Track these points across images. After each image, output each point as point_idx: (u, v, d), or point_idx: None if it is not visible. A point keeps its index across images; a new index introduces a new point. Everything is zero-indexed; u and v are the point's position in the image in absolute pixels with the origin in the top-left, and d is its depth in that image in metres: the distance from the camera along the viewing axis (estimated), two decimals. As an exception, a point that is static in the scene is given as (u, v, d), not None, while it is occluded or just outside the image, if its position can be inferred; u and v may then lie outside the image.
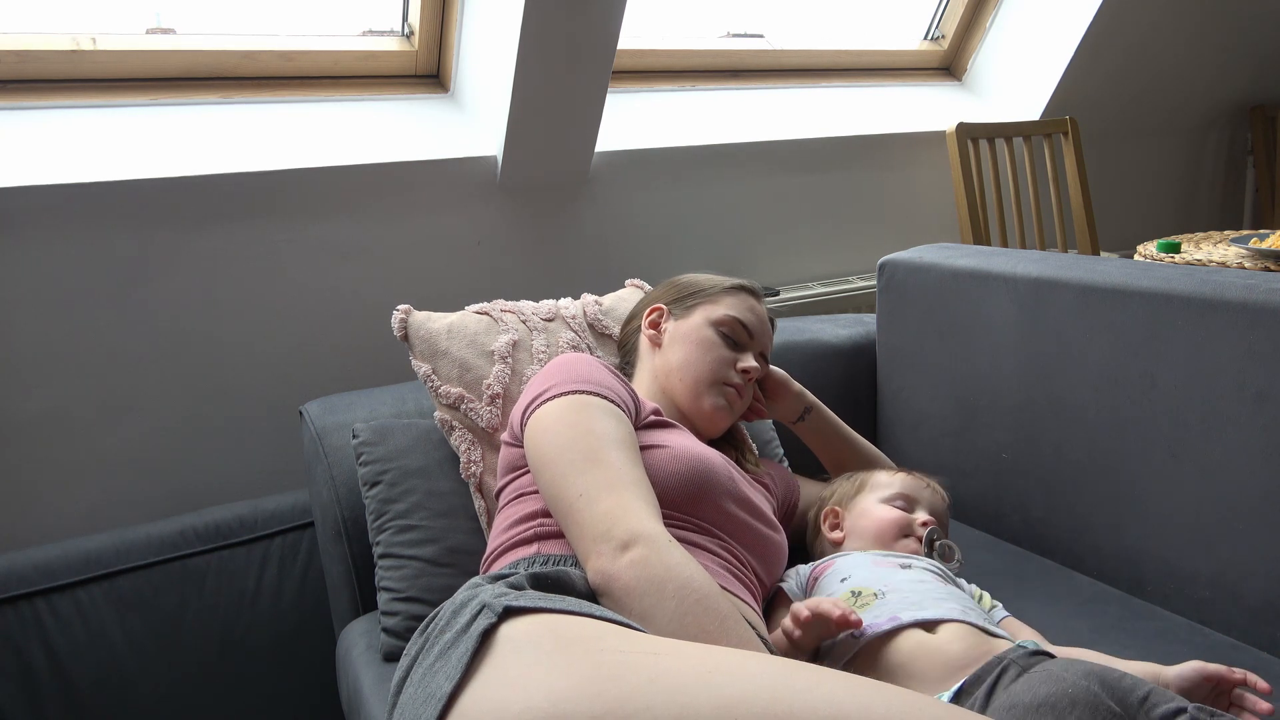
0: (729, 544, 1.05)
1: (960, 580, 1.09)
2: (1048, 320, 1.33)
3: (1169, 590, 1.21)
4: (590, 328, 1.38)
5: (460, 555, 1.20)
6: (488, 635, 0.75)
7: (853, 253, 2.42)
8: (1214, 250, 2.05)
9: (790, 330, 1.65)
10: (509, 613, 0.77)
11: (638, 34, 2.16)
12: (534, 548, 0.98)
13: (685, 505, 1.02)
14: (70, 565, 1.39)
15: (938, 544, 1.12)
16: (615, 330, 1.38)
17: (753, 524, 1.08)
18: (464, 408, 1.24)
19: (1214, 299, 1.14)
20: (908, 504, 1.17)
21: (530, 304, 1.38)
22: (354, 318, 1.74)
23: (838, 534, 1.18)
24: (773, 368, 1.33)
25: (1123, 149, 2.94)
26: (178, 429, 1.62)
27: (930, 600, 0.98)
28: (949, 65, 2.75)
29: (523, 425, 1.03)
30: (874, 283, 1.78)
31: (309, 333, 1.71)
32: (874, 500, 1.18)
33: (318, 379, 1.70)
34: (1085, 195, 2.53)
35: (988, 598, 1.09)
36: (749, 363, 1.20)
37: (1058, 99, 2.60)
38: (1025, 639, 0.98)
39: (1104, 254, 2.65)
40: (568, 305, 1.40)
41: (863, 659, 0.94)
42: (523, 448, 1.03)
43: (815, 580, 1.08)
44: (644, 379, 1.24)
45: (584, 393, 1.02)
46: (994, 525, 1.44)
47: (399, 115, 1.85)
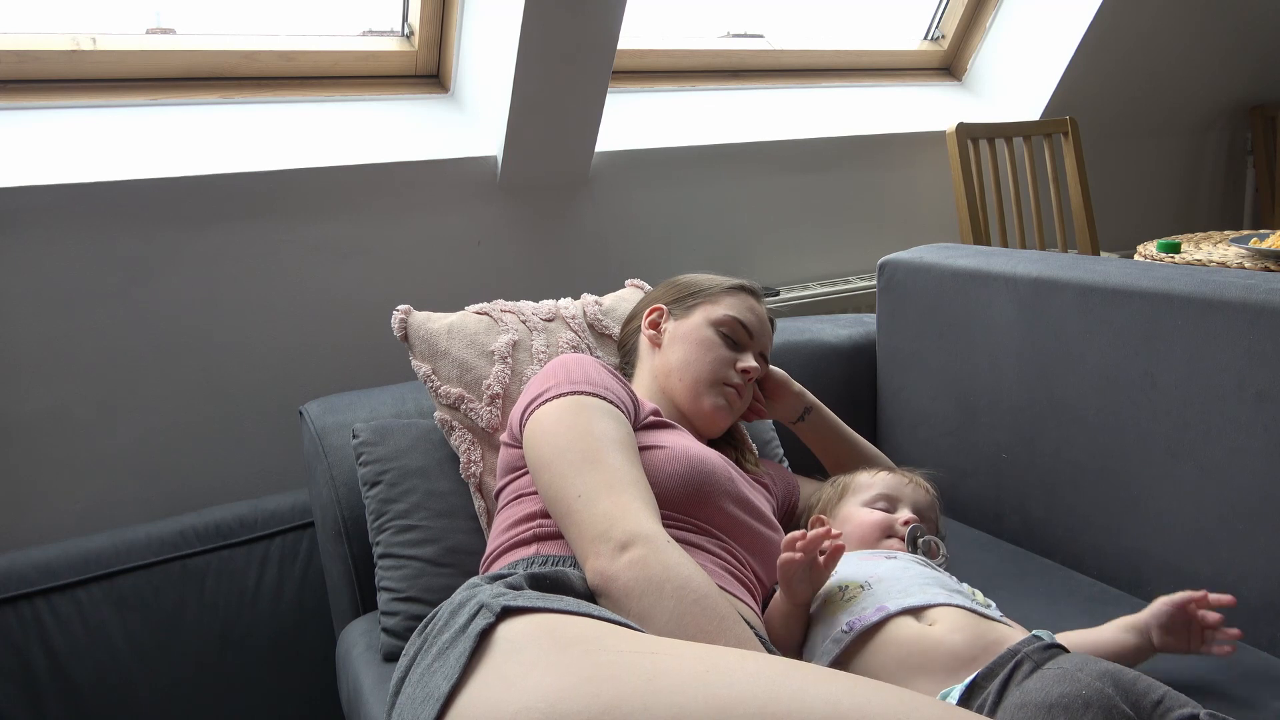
0: (728, 544, 1.05)
1: (950, 577, 1.09)
2: (1048, 320, 1.33)
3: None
4: (590, 328, 1.38)
5: (460, 555, 1.20)
6: (486, 635, 0.75)
7: (853, 253, 2.42)
8: (1214, 250, 2.04)
9: (790, 330, 1.65)
10: (507, 613, 0.77)
11: (638, 34, 2.16)
12: (533, 548, 0.98)
13: (684, 506, 1.02)
14: (70, 565, 1.40)
15: (921, 540, 1.12)
16: (615, 330, 1.38)
17: (752, 524, 1.08)
18: (464, 408, 1.24)
19: (1214, 299, 1.14)
20: (890, 504, 1.17)
21: (530, 304, 1.38)
22: (354, 318, 1.74)
23: None
24: (772, 368, 1.34)
25: (1123, 149, 2.94)
26: (178, 429, 1.63)
27: (916, 587, 0.98)
28: (949, 65, 2.75)
29: (522, 426, 1.03)
30: (874, 283, 1.78)
31: (309, 333, 1.71)
32: (856, 504, 1.17)
33: (318, 379, 1.70)
34: (1085, 195, 2.53)
35: (980, 595, 1.09)
36: (749, 363, 1.20)
37: (1058, 99, 2.60)
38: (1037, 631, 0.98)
39: (1104, 254, 2.65)
40: (568, 305, 1.40)
41: (860, 655, 0.93)
42: (522, 448, 1.03)
43: None
44: (644, 379, 1.24)
45: (583, 393, 1.02)
46: (994, 525, 1.44)
47: (399, 115, 1.85)
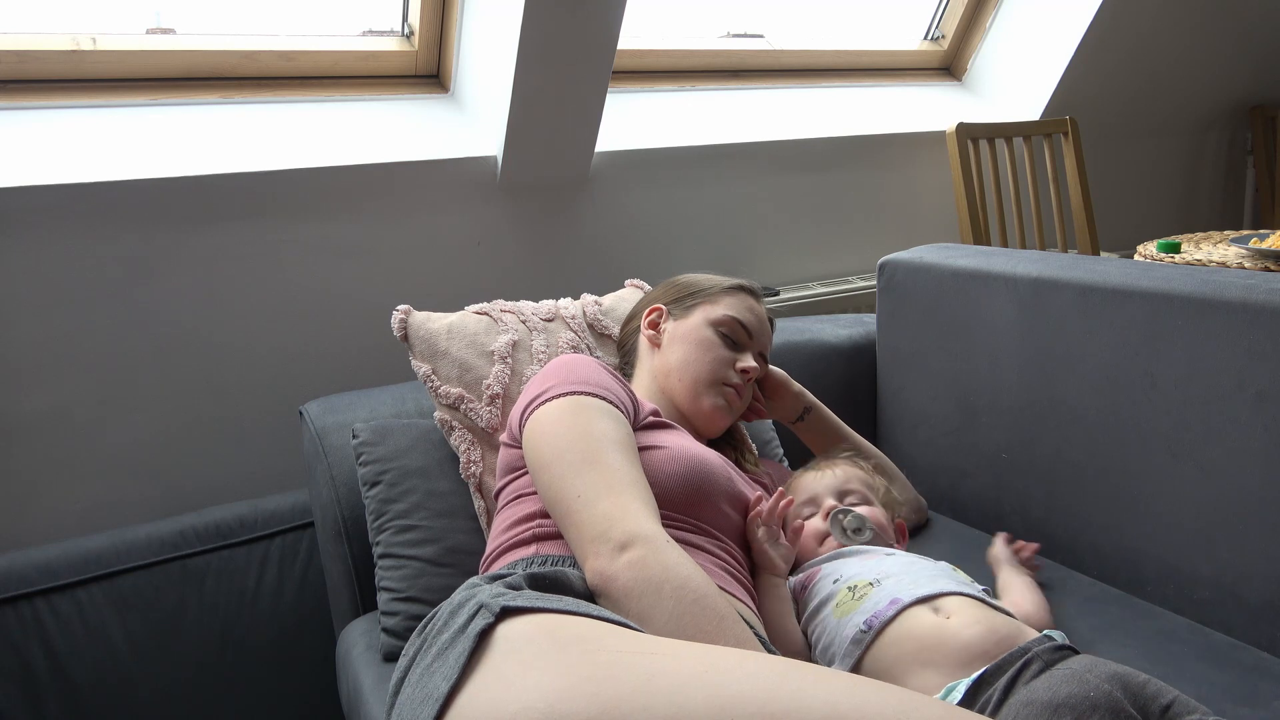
0: (727, 544, 1.05)
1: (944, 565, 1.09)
2: (1048, 320, 1.32)
3: (1169, 590, 1.21)
4: (590, 328, 1.38)
5: (460, 555, 1.20)
6: (485, 635, 0.75)
7: (853, 253, 2.42)
8: (1214, 250, 2.04)
9: (790, 330, 1.65)
10: (506, 613, 0.77)
11: (638, 34, 2.16)
12: (533, 548, 0.98)
13: (683, 506, 1.02)
14: (70, 565, 1.39)
15: (844, 523, 1.11)
16: (615, 330, 1.38)
17: (752, 524, 1.08)
18: (464, 408, 1.24)
19: (1214, 299, 1.14)
20: (813, 506, 1.16)
21: (530, 304, 1.38)
22: (354, 318, 1.74)
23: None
24: (772, 367, 1.33)
25: (1123, 149, 2.94)
26: (178, 429, 1.63)
27: (925, 578, 0.98)
28: (949, 65, 2.75)
29: (521, 426, 1.03)
30: (874, 283, 1.78)
31: (309, 333, 1.71)
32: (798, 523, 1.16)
33: (318, 379, 1.70)
34: (1085, 195, 2.53)
35: (975, 586, 1.10)
36: (748, 363, 1.20)
37: (1058, 99, 2.60)
38: (1045, 629, 1.00)
39: (1104, 254, 2.65)
40: (567, 305, 1.40)
41: (876, 647, 0.93)
42: (521, 449, 1.03)
43: (805, 588, 1.07)
44: (643, 379, 1.24)
45: (582, 394, 1.02)
46: (994, 525, 1.44)
47: (399, 115, 1.85)
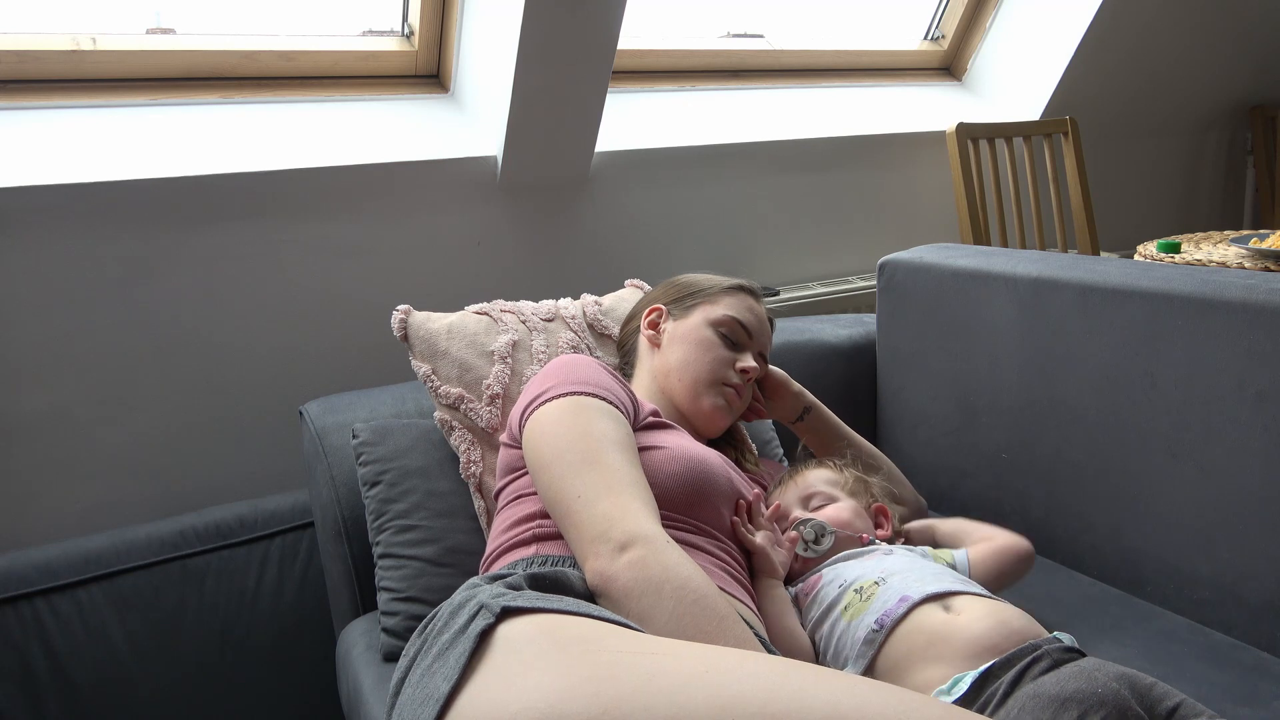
0: (727, 544, 1.05)
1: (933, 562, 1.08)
2: (1048, 320, 1.32)
3: (1169, 590, 1.21)
4: (590, 328, 1.38)
5: (460, 555, 1.20)
6: (485, 636, 0.75)
7: (853, 253, 2.42)
8: (1214, 250, 2.04)
9: (790, 330, 1.65)
10: (506, 613, 0.77)
11: (638, 34, 2.16)
12: (533, 549, 0.98)
13: (683, 506, 1.02)
14: (70, 565, 1.39)
15: (804, 534, 1.10)
16: (615, 330, 1.38)
17: (752, 524, 1.08)
18: (464, 408, 1.24)
19: (1214, 299, 1.14)
20: (784, 520, 1.14)
21: (530, 304, 1.38)
22: (354, 318, 1.74)
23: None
24: (772, 367, 1.33)
25: (1123, 149, 2.94)
26: (178, 429, 1.63)
27: (930, 576, 0.98)
28: (949, 65, 2.75)
29: (521, 426, 1.03)
30: (874, 283, 1.78)
31: (309, 333, 1.71)
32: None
33: (318, 379, 1.70)
34: (1085, 195, 2.53)
35: (947, 552, 1.10)
36: (748, 363, 1.20)
37: (1058, 99, 2.60)
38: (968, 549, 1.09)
39: (1104, 254, 2.65)
40: (567, 305, 1.40)
41: (886, 645, 0.93)
42: (521, 449, 1.03)
43: (807, 595, 1.06)
44: (643, 379, 1.24)
45: (582, 394, 1.01)
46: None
47: (399, 115, 1.85)
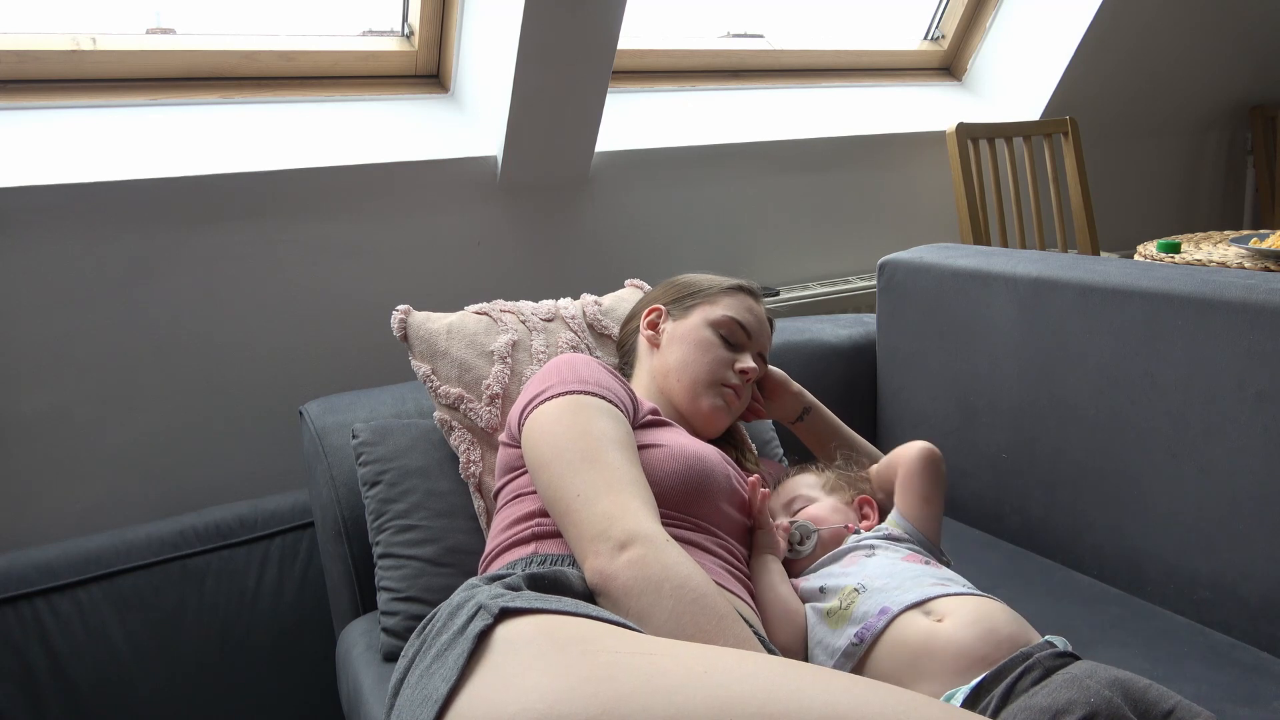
0: (726, 542, 1.05)
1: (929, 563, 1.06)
2: (1048, 320, 1.32)
3: (1169, 590, 1.21)
4: (590, 328, 1.38)
5: (460, 555, 1.20)
6: (484, 637, 0.75)
7: (853, 253, 2.42)
8: (1214, 250, 2.04)
9: (790, 330, 1.65)
10: (505, 614, 0.77)
11: (638, 34, 2.16)
12: (531, 547, 0.98)
13: (682, 504, 1.02)
14: (70, 565, 1.39)
15: (791, 538, 1.11)
16: (615, 330, 1.38)
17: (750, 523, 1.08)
18: (463, 408, 1.24)
19: (1214, 299, 1.14)
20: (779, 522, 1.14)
21: (530, 304, 1.38)
22: (354, 318, 1.74)
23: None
24: (771, 368, 1.33)
25: (1123, 149, 2.94)
26: (178, 429, 1.62)
27: (910, 581, 0.97)
28: (949, 65, 2.75)
29: (520, 425, 1.03)
30: (874, 283, 1.78)
31: (309, 333, 1.71)
32: None
33: (318, 379, 1.70)
34: (1085, 195, 2.53)
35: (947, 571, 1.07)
36: (747, 363, 1.20)
37: (1058, 99, 2.60)
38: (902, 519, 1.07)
39: (1104, 254, 2.65)
40: (567, 305, 1.40)
41: (870, 659, 0.92)
42: (520, 448, 1.03)
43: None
44: (642, 379, 1.24)
45: (582, 393, 1.01)
46: (994, 525, 1.44)
47: (399, 115, 1.85)
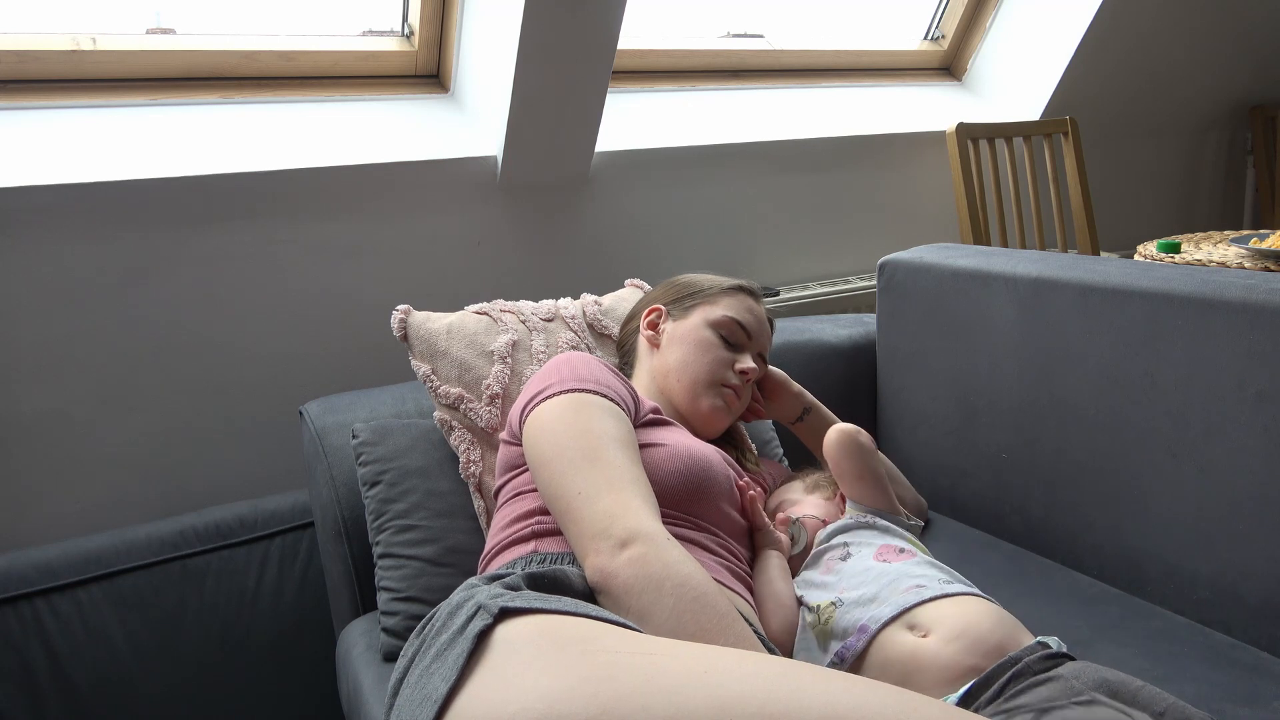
0: (727, 541, 1.05)
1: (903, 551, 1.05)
2: (1048, 320, 1.32)
3: (1169, 590, 1.21)
4: (590, 328, 1.38)
5: (460, 555, 1.20)
6: (484, 637, 0.75)
7: (853, 253, 2.42)
8: (1214, 250, 2.04)
9: (790, 330, 1.65)
10: (505, 614, 0.77)
11: (638, 34, 2.16)
12: (531, 545, 0.98)
13: (683, 503, 1.02)
14: (70, 565, 1.39)
15: (791, 533, 1.11)
16: (615, 330, 1.38)
17: (752, 523, 1.08)
18: (463, 408, 1.25)
19: (1214, 299, 1.14)
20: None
21: (530, 304, 1.38)
22: (354, 318, 1.74)
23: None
24: (771, 368, 1.33)
25: (1123, 149, 2.94)
26: (178, 429, 1.63)
27: (885, 589, 0.95)
28: (949, 65, 2.75)
29: (521, 423, 1.03)
30: (874, 283, 1.78)
31: (309, 333, 1.71)
32: None
33: (318, 379, 1.70)
34: (1085, 195, 2.53)
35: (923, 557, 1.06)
36: (747, 364, 1.20)
37: (1058, 99, 2.60)
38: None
39: (1104, 254, 2.65)
40: (567, 305, 1.40)
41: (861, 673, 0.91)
42: (521, 446, 1.03)
43: None
44: (642, 379, 1.24)
45: (583, 391, 1.02)
46: (994, 525, 1.44)
47: (399, 115, 1.85)
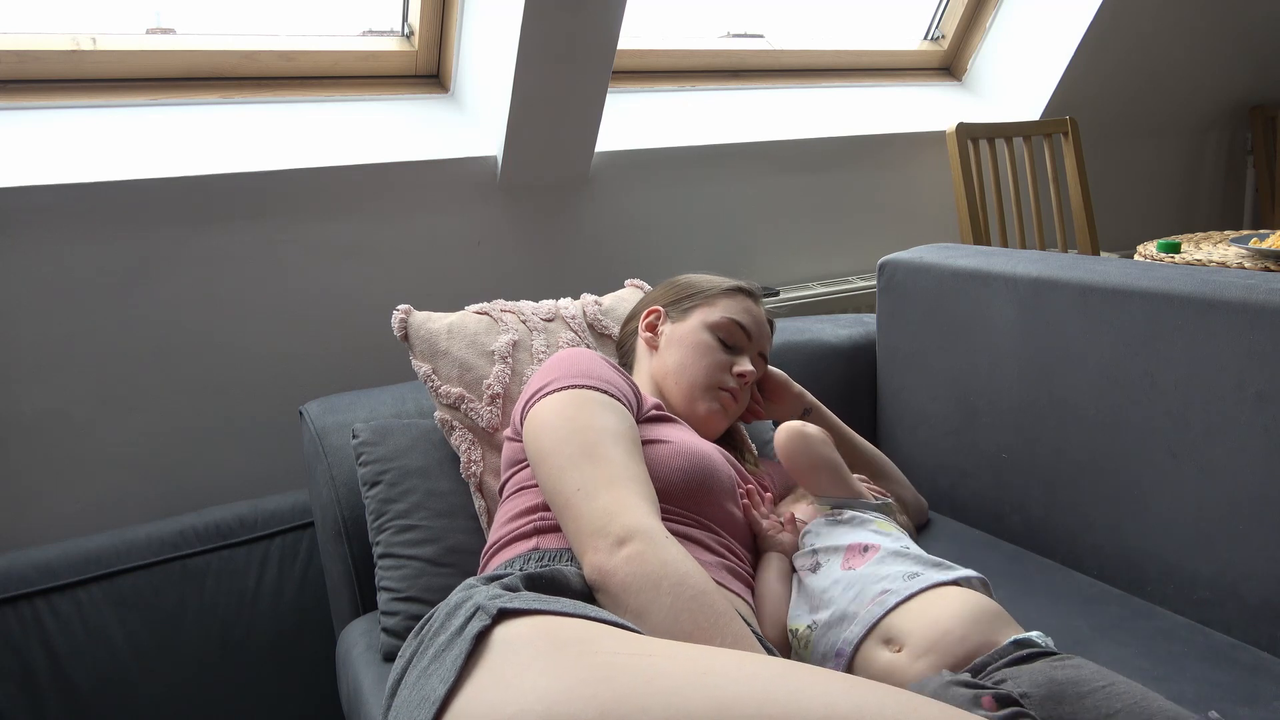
0: (729, 540, 1.05)
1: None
2: (1048, 320, 1.32)
3: (1169, 590, 1.21)
4: (590, 328, 1.38)
5: (460, 555, 1.20)
6: (482, 638, 0.75)
7: (853, 253, 2.42)
8: (1214, 250, 2.04)
9: (790, 330, 1.65)
10: (503, 615, 0.76)
11: (638, 34, 2.16)
12: (533, 541, 0.98)
13: (687, 501, 1.02)
14: (70, 565, 1.39)
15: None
16: (615, 330, 1.38)
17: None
18: (464, 408, 1.24)
19: (1214, 299, 1.14)
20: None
21: (530, 304, 1.38)
22: (354, 318, 1.74)
23: None
24: (772, 368, 1.33)
25: (1123, 149, 2.94)
26: (178, 429, 1.62)
27: (853, 603, 0.95)
28: (949, 65, 2.75)
29: (522, 420, 1.04)
30: (874, 283, 1.78)
31: (309, 333, 1.71)
32: None
33: (318, 379, 1.70)
34: (1085, 195, 2.53)
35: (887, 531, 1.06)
36: (745, 366, 1.20)
37: (1058, 99, 2.60)
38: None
39: (1104, 254, 2.65)
40: (568, 305, 1.40)
41: None
42: (523, 442, 1.03)
43: None
44: (642, 380, 1.24)
45: (584, 387, 1.01)
46: (994, 525, 1.44)
47: (399, 115, 1.85)
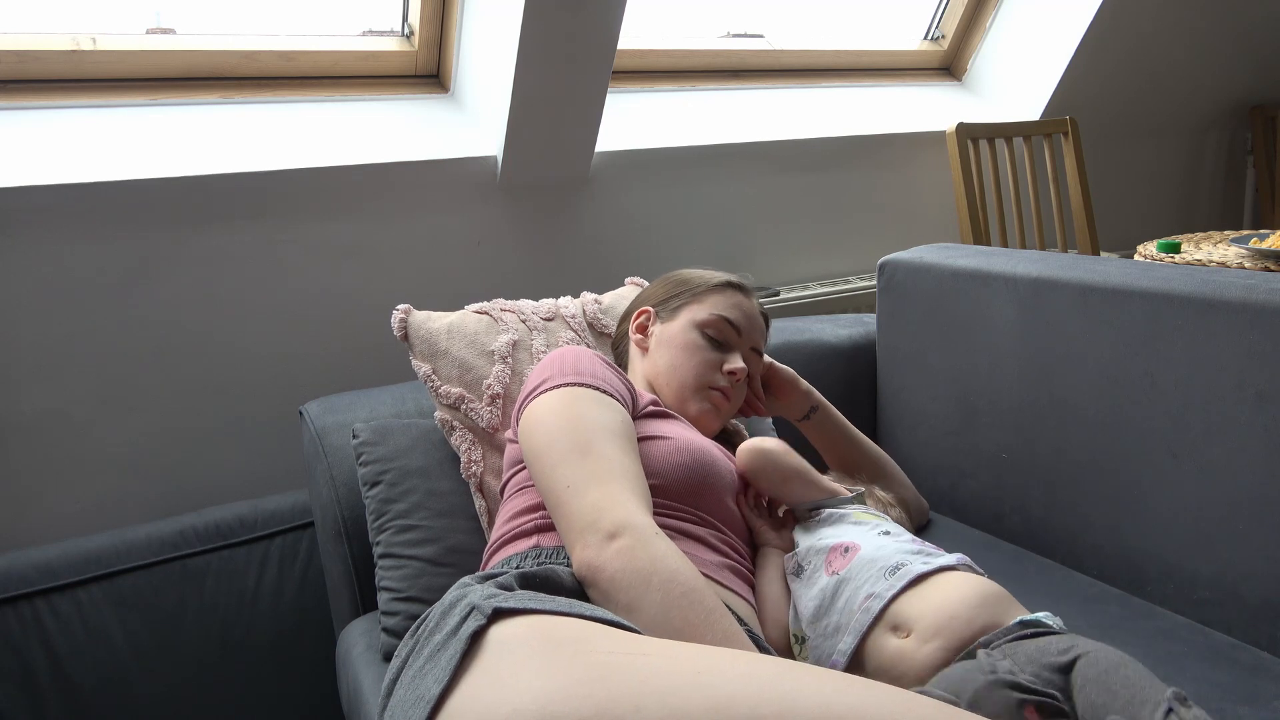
0: (727, 536, 1.05)
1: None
2: (1048, 320, 1.32)
3: (1169, 590, 1.21)
4: (590, 327, 1.38)
5: (460, 555, 1.20)
6: (477, 637, 0.75)
7: (853, 253, 2.42)
8: (1214, 250, 2.04)
9: (790, 330, 1.65)
10: (499, 614, 0.76)
11: (638, 34, 2.16)
12: (533, 540, 0.98)
13: (687, 496, 1.02)
14: (70, 565, 1.39)
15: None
16: (614, 329, 1.38)
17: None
18: (464, 408, 1.25)
19: (1214, 299, 1.14)
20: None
21: (530, 303, 1.38)
22: (354, 318, 1.74)
23: None
24: (780, 365, 1.33)
25: (1123, 149, 2.94)
26: (178, 429, 1.63)
27: (841, 614, 0.94)
28: (949, 65, 2.75)
29: (517, 419, 1.04)
30: (874, 283, 1.78)
31: (309, 333, 1.71)
32: None
33: (318, 379, 1.70)
34: (1085, 195, 2.53)
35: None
36: (735, 364, 1.18)
37: (1058, 99, 2.60)
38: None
39: (1104, 254, 2.65)
40: (567, 304, 1.40)
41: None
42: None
43: None
44: (637, 381, 1.24)
45: (579, 385, 1.02)
46: (994, 525, 1.44)
47: (399, 115, 1.85)
